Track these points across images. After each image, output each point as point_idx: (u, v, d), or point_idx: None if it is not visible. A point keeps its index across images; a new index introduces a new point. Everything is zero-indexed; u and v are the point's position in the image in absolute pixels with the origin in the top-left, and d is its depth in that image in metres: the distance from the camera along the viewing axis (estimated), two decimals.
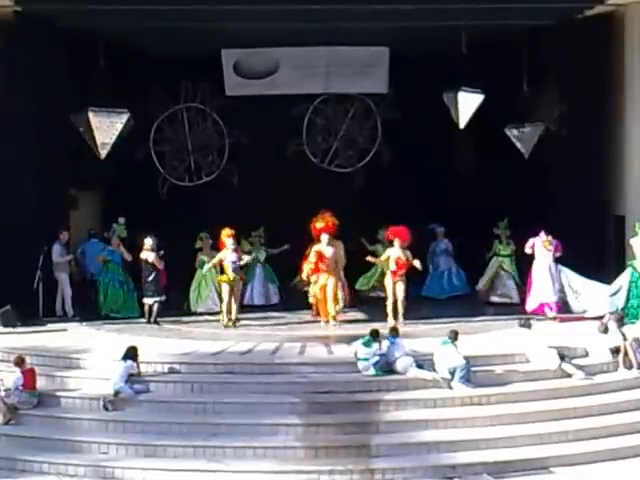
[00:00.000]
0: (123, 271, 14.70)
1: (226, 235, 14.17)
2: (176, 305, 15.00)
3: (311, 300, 14.53)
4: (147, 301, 14.33)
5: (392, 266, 14.09)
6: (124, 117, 13.80)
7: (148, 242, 14.35)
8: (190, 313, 15.04)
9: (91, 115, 13.91)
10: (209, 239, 15.09)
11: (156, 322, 14.30)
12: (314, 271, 14.15)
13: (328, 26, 14.85)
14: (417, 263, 14.15)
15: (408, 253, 14.15)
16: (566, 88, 15.33)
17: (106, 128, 13.88)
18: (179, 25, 14.50)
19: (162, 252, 14.43)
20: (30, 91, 14.29)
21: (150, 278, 14.24)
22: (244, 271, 14.66)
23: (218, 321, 14.35)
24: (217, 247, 14.58)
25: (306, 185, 17.35)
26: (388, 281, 14.19)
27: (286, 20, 14.39)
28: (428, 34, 15.19)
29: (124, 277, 14.73)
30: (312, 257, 14.12)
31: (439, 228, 16.79)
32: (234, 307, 14.14)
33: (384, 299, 14.35)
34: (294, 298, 15.31)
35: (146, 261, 14.30)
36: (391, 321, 13.74)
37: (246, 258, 14.46)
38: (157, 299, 14.27)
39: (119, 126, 13.87)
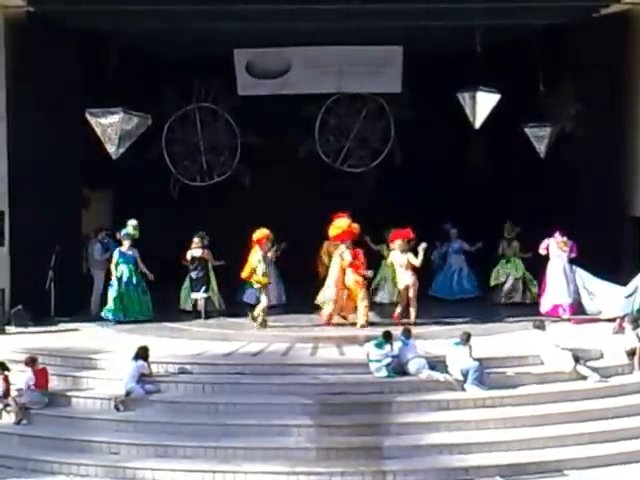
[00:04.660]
0: (137, 273, 14.67)
1: (259, 236, 14.07)
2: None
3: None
4: (197, 296, 14.73)
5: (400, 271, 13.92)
6: (117, 116, 13.75)
7: (196, 240, 14.73)
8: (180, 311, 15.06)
9: (88, 116, 13.87)
10: (206, 237, 15.07)
11: (206, 317, 14.59)
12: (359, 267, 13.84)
13: (341, 25, 14.79)
14: (422, 246, 13.78)
15: (409, 255, 13.92)
16: (582, 87, 15.23)
17: (104, 128, 13.82)
18: (191, 25, 14.49)
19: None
20: (42, 91, 14.28)
21: (200, 274, 14.60)
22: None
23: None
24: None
25: (318, 185, 17.30)
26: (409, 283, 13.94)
27: (298, 19, 14.34)
28: (442, 33, 15.11)
29: (138, 279, 14.71)
30: (349, 256, 13.75)
31: (453, 229, 16.72)
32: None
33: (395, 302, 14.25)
34: (304, 298, 15.23)
35: (201, 258, 14.68)
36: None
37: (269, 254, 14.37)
38: (207, 295, 14.71)
39: (116, 125, 13.80)
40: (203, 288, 14.79)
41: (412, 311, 13.96)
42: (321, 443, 10.25)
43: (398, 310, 14.08)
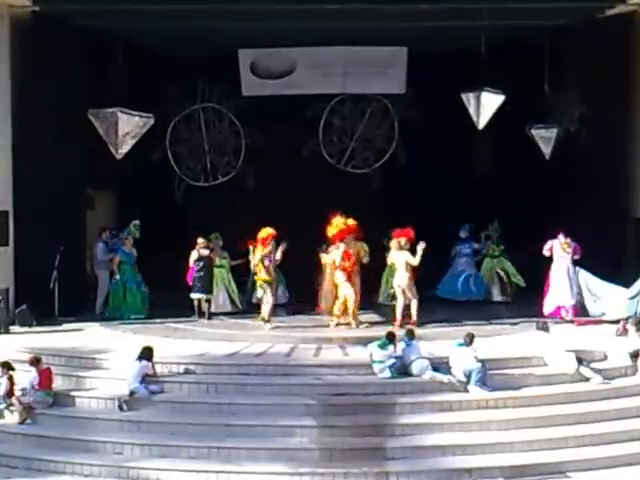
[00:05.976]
0: (137, 272, 14.71)
1: (264, 235, 14.11)
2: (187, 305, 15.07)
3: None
4: (201, 296, 14.75)
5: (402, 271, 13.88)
6: (116, 116, 13.80)
7: (201, 240, 14.77)
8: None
9: (90, 116, 13.92)
10: (219, 239, 15.13)
11: (210, 317, 14.65)
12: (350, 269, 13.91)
13: (345, 26, 14.80)
14: (421, 245, 13.63)
15: (407, 255, 13.81)
16: (587, 88, 15.22)
17: (106, 128, 13.86)
18: (196, 25, 14.51)
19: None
20: (47, 91, 14.30)
21: (203, 275, 14.62)
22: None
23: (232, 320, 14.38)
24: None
25: (322, 186, 17.30)
26: (401, 283, 13.92)
27: (303, 20, 14.35)
28: (447, 34, 15.12)
29: (140, 278, 14.74)
30: (339, 259, 13.85)
31: (467, 230, 16.75)
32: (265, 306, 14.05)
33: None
34: (306, 299, 15.24)
35: (208, 257, 14.75)
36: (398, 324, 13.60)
37: (278, 255, 14.40)
38: (210, 296, 14.79)
39: (117, 125, 13.84)
40: (206, 289, 14.82)
41: (413, 312, 13.87)
42: (324, 444, 10.26)
43: (398, 316, 13.95)
